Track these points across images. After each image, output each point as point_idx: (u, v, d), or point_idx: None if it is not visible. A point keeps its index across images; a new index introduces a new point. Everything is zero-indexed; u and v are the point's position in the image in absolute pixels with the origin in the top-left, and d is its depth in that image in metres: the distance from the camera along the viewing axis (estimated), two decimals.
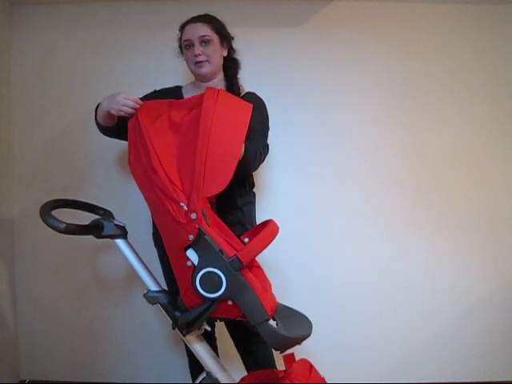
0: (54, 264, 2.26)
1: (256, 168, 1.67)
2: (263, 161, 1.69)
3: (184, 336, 1.43)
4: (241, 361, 1.90)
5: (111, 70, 2.24)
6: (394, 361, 2.27)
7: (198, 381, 1.51)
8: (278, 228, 1.43)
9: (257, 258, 1.44)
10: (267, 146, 1.69)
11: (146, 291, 1.48)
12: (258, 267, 1.48)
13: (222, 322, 1.79)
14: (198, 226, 1.26)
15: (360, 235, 2.26)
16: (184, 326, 1.38)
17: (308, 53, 2.24)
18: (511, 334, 2.28)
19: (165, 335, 2.26)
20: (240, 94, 1.75)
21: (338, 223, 2.25)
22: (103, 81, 2.24)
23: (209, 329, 1.46)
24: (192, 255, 1.29)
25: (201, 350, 1.49)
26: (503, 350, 2.28)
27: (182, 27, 1.76)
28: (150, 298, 1.46)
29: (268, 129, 1.75)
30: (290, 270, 2.22)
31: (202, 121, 1.29)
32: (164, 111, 1.40)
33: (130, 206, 2.08)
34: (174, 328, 1.41)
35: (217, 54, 1.72)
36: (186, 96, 1.73)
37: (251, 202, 1.82)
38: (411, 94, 2.26)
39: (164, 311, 1.45)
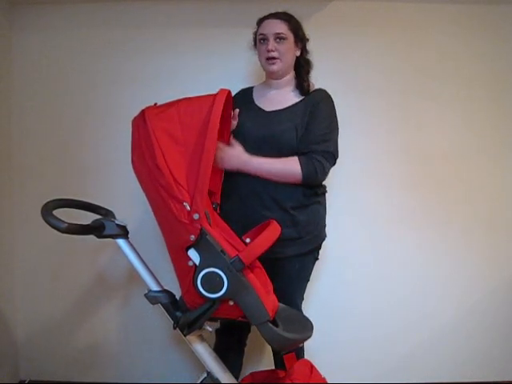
0: (54, 264, 2.26)
1: (321, 181, 1.72)
2: (332, 166, 1.72)
3: (185, 336, 1.43)
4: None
5: (111, 71, 2.24)
6: (394, 361, 2.28)
7: (198, 381, 1.51)
8: (279, 229, 1.43)
9: None
10: (331, 152, 1.68)
11: (146, 291, 1.48)
12: (260, 268, 1.48)
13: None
14: (199, 227, 1.26)
15: (359, 236, 2.26)
16: (185, 326, 1.39)
17: None
18: (511, 334, 2.29)
19: (165, 335, 2.26)
20: (309, 90, 1.76)
21: (338, 224, 2.24)
22: (103, 81, 2.24)
23: (210, 329, 1.46)
24: (193, 255, 1.29)
25: (201, 350, 1.49)
26: (503, 350, 2.29)
27: (260, 21, 1.77)
28: (151, 297, 1.46)
29: (333, 131, 1.73)
30: None
31: (212, 120, 1.29)
32: (173, 104, 1.38)
33: (132, 206, 2.08)
34: (175, 328, 1.41)
35: (290, 52, 1.73)
36: (256, 97, 1.72)
37: (317, 203, 1.77)
38: (410, 93, 2.26)
39: (165, 311, 1.45)
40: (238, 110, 1.61)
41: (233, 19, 2.19)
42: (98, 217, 1.57)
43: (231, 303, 1.31)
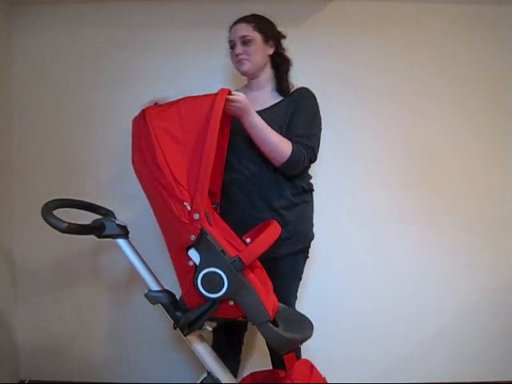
0: (54, 264, 2.26)
1: (297, 172, 1.68)
2: (308, 164, 1.71)
3: (185, 336, 1.43)
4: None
5: (111, 70, 2.24)
6: (394, 361, 2.28)
7: (199, 381, 1.51)
8: (279, 229, 1.44)
9: None
10: (312, 148, 1.68)
11: (146, 291, 1.48)
12: (260, 268, 1.48)
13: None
14: (200, 227, 1.26)
15: (359, 236, 2.26)
16: (185, 326, 1.38)
17: (307, 53, 2.24)
18: (511, 334, 2.29)
19: (165, 335, 2.26)
20: (289, 91, 1.76)
21: (338, 224, 2.25)
22: (103, 81, 2.24)
23: (210, 329, 1.46)
24: (194, 255, 1.29)
25: (202, 350, 1.49)
26: (503, 350, 2.29)
27: (230, 28, 1.80)
28: (151, 297, 1.46)
29: (315, 127, 1.73)
30: None
31: (212, 119, 1.28)
32: (173, 104, 1.38)
33: (132, 206, 2.08)
34: (175, 328, 1.41)
35: (258, 52, 1.73)
36: None
37: (305, 202, 1.77)
38: (411, 93, 2.26)
39: (165, 311, 1.45)
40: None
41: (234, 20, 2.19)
42: (98, 217, 1.57)
43: (231, 303, 1.31)
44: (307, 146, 1.65)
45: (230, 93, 1.44)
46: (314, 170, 2.22)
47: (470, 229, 2.27)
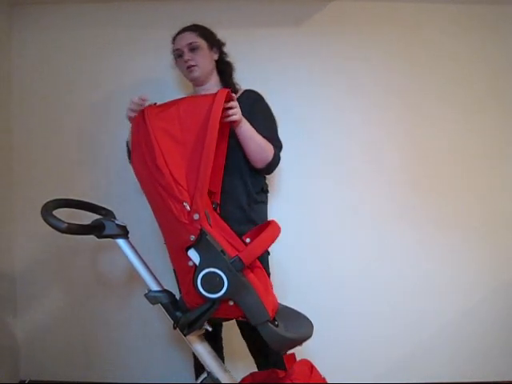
0: (54, 264, 2.26)
1: (273, 171, 1.80)
2: None
3: (185, 336, 1.43)
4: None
5: (111, 70, 2.25)
6: (394, 361, 2.28)
7: (199, 381, 1.50)
8: (279, 228, 1.43)
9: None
10: (281, 146, 1.80)
11: (146, 291, 1.48)
12: (260, 268, 1.48)
13: (233, 321, 1.78)
14: (199, 227, 1.26)
15: (361, 236, 2.26)
16: (185, 326, 1.38)
17: (308, 53, 2.24)
18: (511, 334, 2.29)
19: (165, 335, 2.26)
20: (236, 92, 1.80)
21: (339, 224, 2.26)
22: (103, 81, 2.25)
23: (210, 329, 1.46)
24: (193, 255, 1.29)
25: (202, 350, 1.49)
26: (503, 350, 2.28)
27: (173, 39, 1.83)
28: (151, 297, 1.46)
29: (275, 126, 1.82)
30: (291, 271, 2.22)
31: (212, 119, 1.29)
32: (173, 104, 1.38)
33: (132, 206, 2.08)
34: (175, 328, 1.41)
35: (206, 58, 1.79)
36: None
37: (262, 202, 1.83)
38: (411, 93, 2.27)
39: (165, 311, 1.44)
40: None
41: (236, 20, 2.19)
42: (98, 217, 1.57)
43: (231, 303, 1.31)
44: (278, 146, 1.78)
45: (229, 93, 1.44)
46: (315, 168, 2.24)
47: (470, 229, 2.27)
